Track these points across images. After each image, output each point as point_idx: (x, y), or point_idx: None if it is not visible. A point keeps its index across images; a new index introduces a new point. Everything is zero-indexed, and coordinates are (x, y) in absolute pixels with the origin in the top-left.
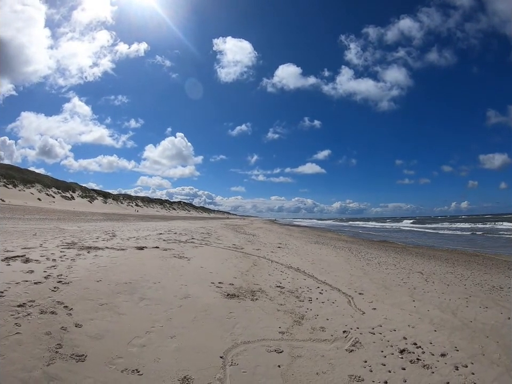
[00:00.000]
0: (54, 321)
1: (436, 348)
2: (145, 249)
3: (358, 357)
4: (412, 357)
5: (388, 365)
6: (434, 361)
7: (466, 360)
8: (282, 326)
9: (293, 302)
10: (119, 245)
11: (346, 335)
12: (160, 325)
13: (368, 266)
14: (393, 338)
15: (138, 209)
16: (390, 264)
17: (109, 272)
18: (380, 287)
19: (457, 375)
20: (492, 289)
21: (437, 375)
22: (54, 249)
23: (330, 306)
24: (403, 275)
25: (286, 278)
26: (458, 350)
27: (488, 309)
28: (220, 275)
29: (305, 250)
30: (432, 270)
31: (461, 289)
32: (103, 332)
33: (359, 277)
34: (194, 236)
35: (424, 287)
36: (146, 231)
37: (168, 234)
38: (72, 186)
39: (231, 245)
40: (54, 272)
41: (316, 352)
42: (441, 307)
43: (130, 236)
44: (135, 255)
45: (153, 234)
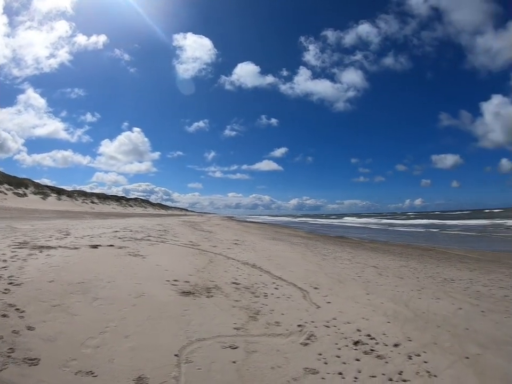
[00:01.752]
0: (6, 324)
1: (389, 339)
2: (99, 248)
3: (312, 350)
4: (366, 348)
5: (342, 356)
6: (388, 351)
7: (419, 349)
8: (238, 322)
9: (249, 298)
10: (72, 243)
11: (301, 329)
12: (114, 324)
13: (323, 261)
14: (348, 330)
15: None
16: (345, 259)
17: (62, 272)
18: (335, 281)
19: (411, 364)
20: (444, 282)
21: (390, 365)
22: (5, 249)
23: (285, 301)
24: (358, 269)
25: (242, 275)
26: (411, 340)
27: (440, 300)
28: (176, 273)
29: (262, 247)
30: (387, 264)
31: (414, 282)
32: (56, 333)
33: (315, 271)
34: (151, 233)
35: (378, 280)
36: (101, 229)
37: (123, 232)
38: (25, 182)
39: (188, 242)
40: (4, 273)
41: (271, 347)
42: (395, 299)
43: (84, 234)
44: (89, 253)
45: (109, 232)
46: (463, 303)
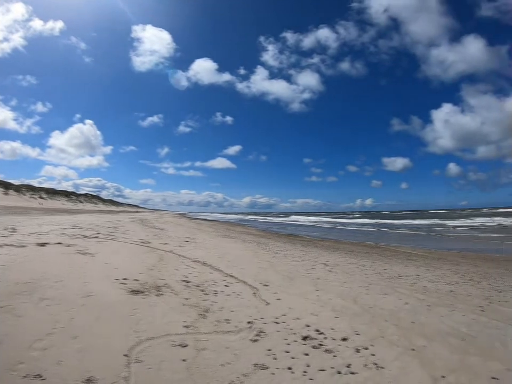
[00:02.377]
0: None
1: (337, 333)
2: (47, 246)
3: (262, 346)
4: (315, 343)
5: (291, 352)
6: (336, 345)
7: (366, 343)
8: (187, 320)
9: (199, 295)
10: (19, 241)
11: (250, 326)
12: (62, 325)
13: (274, 259)
14: (297, 326)
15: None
16: (296, 257)
17: (7, 272)
18: (285, 279)
19: (359, 357)
20: (391, 278)
21: (339, 358)
22: None
23: (235, 299)
24: (308, 266)
25: (192, 272)
26: (359, 334)
27: (387, 295)
28: (125, 271)
29: (214, 244)
30: (336, 261)
31: (362, 278)
32: (1, 336)
33: (266, 269)
34: (100, 230)
35: (327, 277)
36: (49, 225)
37: (72, 229)
38: None
39: (138, 240)
40: None
41: (220, 344)
42: (343, 295)
43: (31, 232)
44: (36, 252)
45: (57, 229)
46: (410, 298)
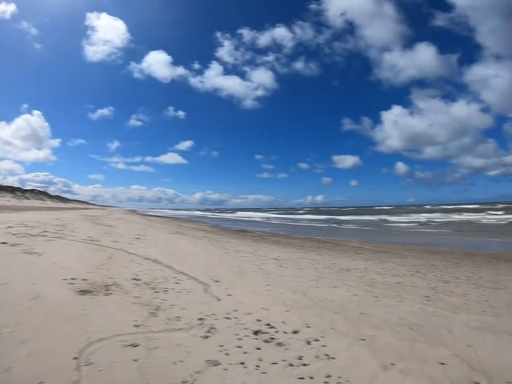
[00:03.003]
0: None
1: (288, 327)
2: None
3: (214, 342)
4: (266, 337)
5: (243, 346)
6: (287, 338)
7: (317, 335)
8: (138, 319)
9: (149, 293)
10: None
11: (202, 322)
12: (9, 330)
13: (226, 255)
14: (248, 321)
15: None
16: (247, 252)
17: None
18: (236, 274)
19: (310, 348)
20: (340, 271)
21: (290, 351)
22: None
23: (186, 296)
24: (259, 262)
25: (142, 270)
26: (309, 326)
27: (337, 288)
28: (73, 270)
29: (165, 241)
30: (287, 256)
31: (312, 273)
32: None
33: (217, 265)
34: (48, 228)
35: (278, 272)
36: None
37: (18, 228)
38: None
39: (87, 238)
40: None
41: (172, 342)
42: (293, 289)
43: None
44: None
45: (1, 228)
46: (358, 290)
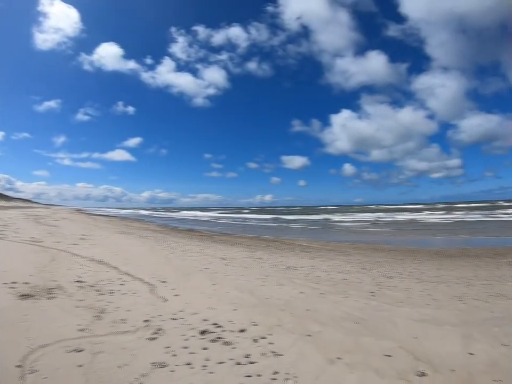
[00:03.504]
0: None
1: (235, 325)
2: None
3: (160, 344)
4: (213, 337)
5: (190, 347)
6: (234, 337)
7: (264, 332)
8: (82, 323)
9: (93, 296)
10: None
11: (147, 324)
12: None
13: (172, 255)
14: (194, 321)
15: None
16: (194, 252)
17: None
18: (183, 274)
19: (257, 346)
20: (287, 269)
21: (238, 350)
22: None
23: (131, 297)
24: (206, 261)
25: (87, 272)
26: (256, 324)
27: (283, 286)
28: (14, 273)
29: (110, 241)
30: (234, 255)
31: (259, 271)
32: None
33: (163, 265)
34: None
35: (225, 271)
36: None
37: None
38: None
39: (29, 238)
40: None
41: (117, 345)
42: (240, 288)
43: None
44: None
45: None
46: (305, 287)
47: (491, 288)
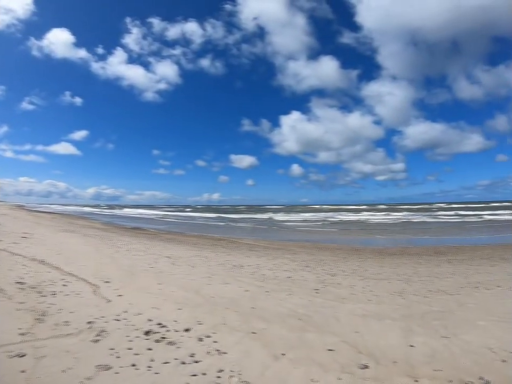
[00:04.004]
0: None
1: (180, 325)
2: None
3: (104, 345)
4: (157, 337)
5: (134, 348)
6: (179, 336)
7: (209, 331)
8: (23, 327)
9: (35, 298)
10: None
11: (91, 326)
12: None
13: (117, 254)
14: (139, 322)
15: None
16: (140, 250)
17: None
18: (128, 274)
19: (202, 345)
20: (233, 268)
21: (182, 349)
22: None
23: (75, 298)
24: (151, 260)
25: (28, 273)
26: (201, 323)
27: (229, 284)
28: None
29: (53, 240)
30: (180, 254)
31: (205, 270)
32: None
33: (107, 264)
34: None
35: (171, 270)
36: None
37: None
38: None
39: None
40: None
41: (60, 349)
42: (185, 287)
43: None
44: None
45: None
46: (250, 285)
47: (431, 284)
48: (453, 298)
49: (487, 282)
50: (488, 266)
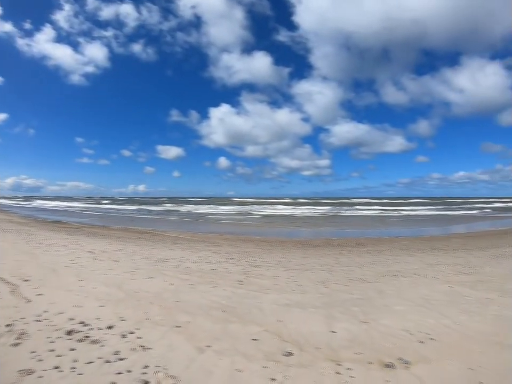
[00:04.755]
0: None
1: (103, 322)
2: None
3: (25, 349)
4: (80, 336)
5: (56, 349)
6: (102, 334)
7: (132, 327)
8: None
9: None
10: None
11: (10, 329)
12: None
13: (37, 250)
14: (60, 321)
15: None
16: (61, 246)
17: None
18: (48, 271)
19: (125, 342)
20: (158, 261)
21: (106, 347)
22: None
23: None
24: (73, 256)
25: None
26: (124, 319)
27: (153, 278)
28: None
29: None
30: (104, 248)
31: (129, 264)
32: None
33: (26, 262)
34: None
35: (93, 265)
36: None
37: None
38: None
39: None
40: None
41: None
42: (108, 283)
43: None
44: None
45: None
46: (174, 279)
47: (351, 273)
48: (372, 286)
49: (405, 270)
50: (406, 256)
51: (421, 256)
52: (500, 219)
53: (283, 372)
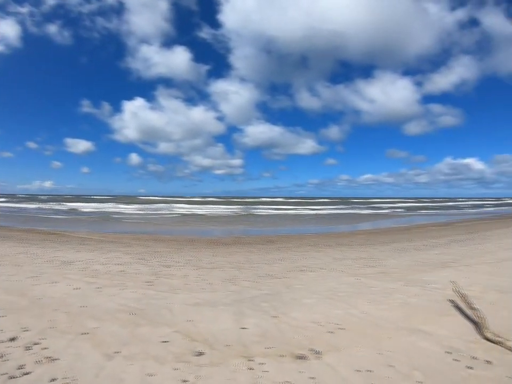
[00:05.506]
0: None
1: (4, 334)
2: None
3: None
4: None
5: None
6: (5, 348)
7: (37, 337)
8: None
9: None
10: None
11: None
12: None
13: None
14: None
15: None
16: None
17: None
18: None
19: (30, 354)
20: (62, 264)
21: (9, 362)
22: None
23: None
24: None
25: None
26: (28, 330)
27: (58, 283)
28: None
29: None
30: (4, 252)
31: (31, 268)
32: None
33: None
34: None
35: None
36: None
37: None
38: None
39: None
40: None
41: None
42: (9, 290)
43: None
44: None
45: None
46: (80, 282)
47: (260, 270)
48: (281, 282)
49: (313, 265)
50: (314, 252)
51: (328, 252)
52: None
53: (194, 372)
